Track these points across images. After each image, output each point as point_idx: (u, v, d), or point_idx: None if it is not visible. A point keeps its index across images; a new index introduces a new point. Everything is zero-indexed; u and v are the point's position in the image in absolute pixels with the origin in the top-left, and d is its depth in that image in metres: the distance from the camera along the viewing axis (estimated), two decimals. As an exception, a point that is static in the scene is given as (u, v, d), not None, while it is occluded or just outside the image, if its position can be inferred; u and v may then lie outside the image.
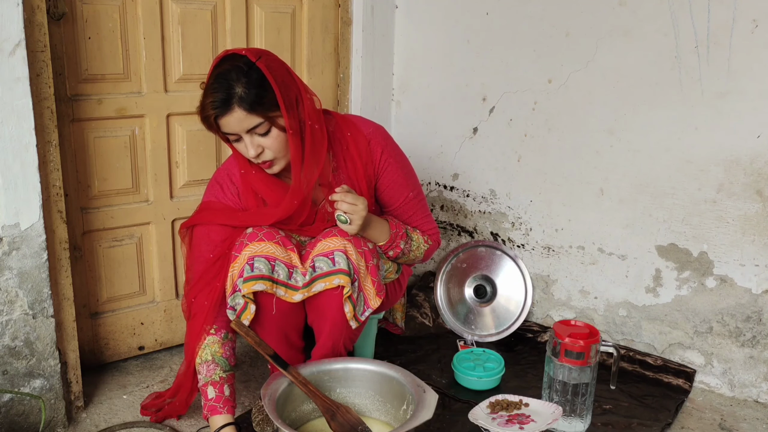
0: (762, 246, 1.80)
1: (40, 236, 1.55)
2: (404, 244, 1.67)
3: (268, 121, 1.45)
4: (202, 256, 1.60)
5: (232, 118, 1.43)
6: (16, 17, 1.43)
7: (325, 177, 1.59)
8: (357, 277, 1.51)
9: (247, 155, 1.50)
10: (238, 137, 1.48)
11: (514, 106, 2.18)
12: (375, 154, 1.63)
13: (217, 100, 1.42)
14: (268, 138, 1.48)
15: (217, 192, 1.62)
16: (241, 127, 1.45)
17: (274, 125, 1.46)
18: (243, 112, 1.43)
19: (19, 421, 1.59)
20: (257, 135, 1.47)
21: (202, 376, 1.56)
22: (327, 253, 1.51)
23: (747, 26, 1.71)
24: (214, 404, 1.53)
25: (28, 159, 1.50)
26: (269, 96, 1.44)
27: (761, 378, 1.86)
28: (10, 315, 1.54)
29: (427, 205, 1.76)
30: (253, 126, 1.45)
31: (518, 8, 2.11)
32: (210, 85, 1.44)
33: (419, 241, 1.71)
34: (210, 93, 1.44)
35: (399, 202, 1.69)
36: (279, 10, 2.08)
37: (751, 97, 1.74)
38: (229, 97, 1.42)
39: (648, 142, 1.93)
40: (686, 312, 1.95)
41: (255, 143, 1.48)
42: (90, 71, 1.77)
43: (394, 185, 1.67)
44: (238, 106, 1.42)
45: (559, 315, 2.22)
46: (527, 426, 1.55)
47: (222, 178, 1.63)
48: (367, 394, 1.57)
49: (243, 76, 1.42)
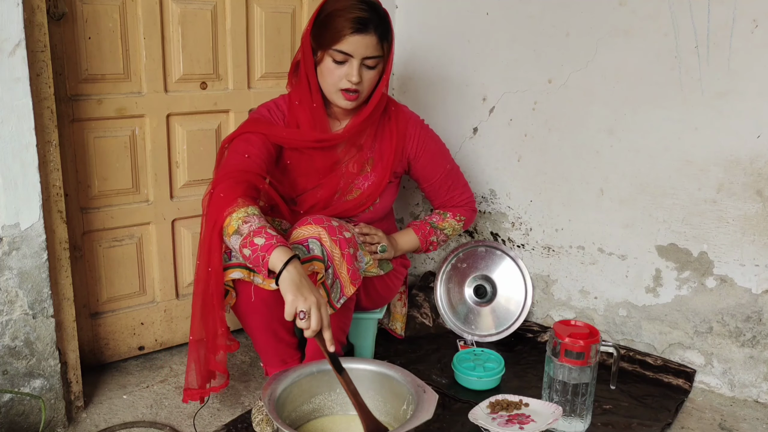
0: (762, 246, 1.80)
1: (40, 236, 1.55)
2: (436, 237, 1.89)
3: (383, 58, 1.61)
4: (238, 155, 1.59)
5: (364, 40, 1.55)
6: (16, 17, 1.43)
7: (360, 139, 1.73)
8: (331, 264, 1.53)
9: (350, 78, 1.58)
10: (346, 59, 1.57)
11: (514, 106, 2.18)
12: (413, 134, 1.79)
13: (361, 18, 1.53)
14: (370, 72, 1.61)
15: (263, 111, 1.72)
16: (365, 52, 1.56)
17: (380, 64, 1.62)
18: (376, 39, 1.56)
19: (19, 421, 1.59)
20: (365, 66, 1.59)
21: (243, 232, 1.39)
22: (301, 240, 1.53)
23: (747, 26, 1.71)
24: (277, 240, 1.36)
25: (28, 159, 1.50)
26: (390, 38, 1.63)
27: (761, 378, 1.86)
28: (10, 315, 1.54)
29: (462, 174, 1.95)
30: (372, 55, 1.58)
31: (518, 8, 2.11)
32: (353, 5, 1.54)
33: (452, 225, 1.91)
34: (353, 10, 1.53)
35: (439, 174, 1.86)
36: (279, 10, 2.08)
37: (751, 97, 1.74)
38: (370, 21, 1.55)
39: (648, 142, 1.93)
40: (686, 312, 1.95)
41: (360, 71, 1.58)
42: (90, 71, 1.77)
43: (434, 159, 1.84)
44: (374, 32, 1.56)
45: (559, 315, 2.22)
46: (527, 426, 1.55)
47: (269, 105, 1.73)
48: (367, 394, 1.56)
49: (381, 11, 1.59)
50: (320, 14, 1.59)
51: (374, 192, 1.76)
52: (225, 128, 2.04)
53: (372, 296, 1.82)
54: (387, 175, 1.76)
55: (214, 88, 2.01)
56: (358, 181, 1.75)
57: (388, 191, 1.81)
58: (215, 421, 1.73)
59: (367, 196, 1.76)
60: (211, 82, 2.00)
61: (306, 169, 1.71)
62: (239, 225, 1.41)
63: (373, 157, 1.77)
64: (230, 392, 1.86)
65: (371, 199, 1.77)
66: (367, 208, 1.77)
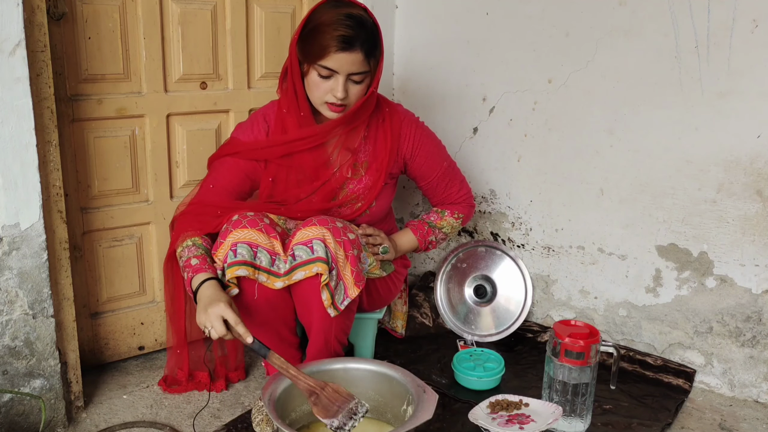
0: (762, 246, 1.80)
1: (40, 236, 1.55)
2: (435, 236, 1.89)
3: (370, 72, 1.59)
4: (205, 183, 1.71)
5: (349, 57, 1.53)
6: (16, 17, 1.43)
7: (352, 142, 1.71)
8: (335, 265, 1.53)
9: (335, 93, 1.56)
10: (331, 75, 1.55)
11: (514, 106, 2.18)
12: (408, 134, 1.77)
13: (346, 36, 1.50)
14: (357, 86, 1.59)
15: (245, 128, 1.72)
16: (350, 68, 1.54)
17: (368, 78, 1.60)
18: (362, 56, 1.54)
19: (19, 421, 1.59)
20: (351, 81, 1.57)
21: (183, 258, 1.55)
22: (306, 241, 1.53)
23: (747, 26, 1.71)
24: (199, 266, 1.51)
25: (28, 159, 1.50)
26: (378, 53, 1.60)
27: (761, 378, 1.86)
28: (10, 315, 1.54)
29: (458, 170, 1.93)
30: (359, 71, 1.56)
31: (518, 8, 2.11)
32: (340, 20, 1.50)
33: (450, 224, 1.90)
34: (338, 26, 1.50)
35: (436, 172, 1.84)
36: (279, 10, 2.08)
37: (751, 97, 1.74)
38: (356, 38, 1.51)
39: (648, 142, 1.93)
40: (686, 312, 1.95)
41: (346, 86, 1.57)
42: (90, 71, 1.77)
43: (431, 158, 1.82)
44: (360, 49, 1.53)
45: (559, 315, 2.22)
46: (527, 426, 1.55)
47: (256, 117, 1.73)
48: (367, 394, 1.57)
49: (369, 26, 1.55)
50: (306, 26, 1.56)
51: (369, 195, 1.75)
52: (225, 128, 2.04)
53: (373, 298, 1.82)
54: (382, 177, 1.75)
55: (214, 88, 2.01)
56: (353, 185, 1.75)
57: (384, 193, 1.80)
58: (215, 421, 1.73)
59: (363, 200, 1.75)
60: (211, 82, 2.00)
61: (295, 178, 1.70)
62: (180, 252, 1.58)
63: (367, 160, 1.76)
64: (230, 392, 1.86)
65: (367, 203, 1.76)
66: (364, 211, 1.76)
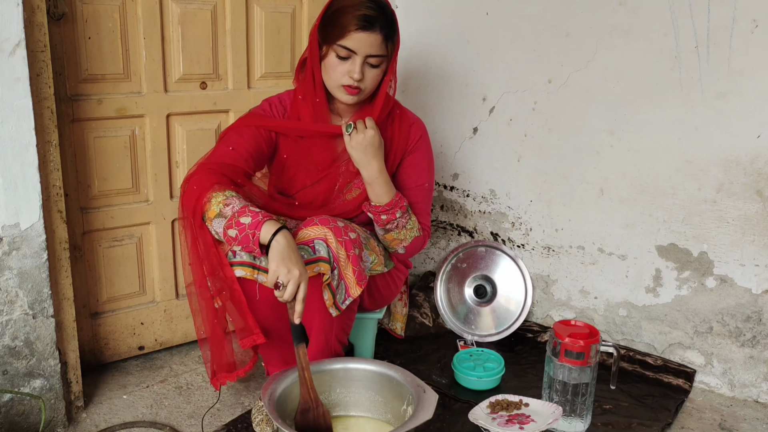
0: (762, 246, 1.80)
1: (40, 236, 1.55)
2: (400, 216, 1.71)
3: (387, 57, 1.60)
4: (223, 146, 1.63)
5: (369, 38, 1.54)
6: (16, 17, 1.43)
7: None
8: (337, 265, 1.53)
9: (352, 75, 1.57)
10: (350, 55, 1.57)
11: (514, 106, 2.18)
12: (413, 136, 1.77)
13: (368, 17, 1.53)
14: (374, 70, 1.60)
15: (264, 106, 1.73)
16: (368, 50, 1.56)
17: (384, 63, 1.61)
18: (381, 38, 1.56)
19: (19, 421, 1.59)
20: (369, 64, 1.58)
21: (223, 220, 1.42)
22: (307, 241, 1.53)
23: (747, 26, 1.71)
24: (264, 214, 1.41)
25: (28, 159, 1.50)
26: (396, 37, 1.62)
27: (761, 378, 1.86)
28: (10, 315, 1.54)
29: (431, 200, 1.86)
30: (377, 54, 1.57)
31: (518, 8, 2.11)
32: (362, 3, 1.54)
33: (414, 224, 1.75)
34: (361, 7, 1.54)
35: (415, 184, 1.79)
36: (279, 10, 2.08)
37: (751, 97, 1.74)
38: (377, 20, 1.54)
39: (648, 142, 1.93)
40: (686, 312, 1.95)
41: (363, 69, 1.58)
42: (90, 71, 1.77)
43: (417, 167, 1.79)
44: (380, 31, 1.55)
45: (559, 315, 2.22)
46: (527, 426, 1.55)
47: (271, 100, 1.74)
48: (367, 394, 1.57)
49: (389, 11, 1.59)
50: (329, 9, 1.60)
51: None
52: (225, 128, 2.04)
53: (374, 296, 1.82)
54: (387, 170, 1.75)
55: (214, 88, 2.01)
56: (358, 181, 1.75)
57: None
58: (215, 421, 1.73)
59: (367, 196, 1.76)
60: (211, 82, 2.00)
61: (305, 163, 1.71)
62: (221, 208, 1.44)
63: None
64: (230, 392, 1.86)
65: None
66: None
